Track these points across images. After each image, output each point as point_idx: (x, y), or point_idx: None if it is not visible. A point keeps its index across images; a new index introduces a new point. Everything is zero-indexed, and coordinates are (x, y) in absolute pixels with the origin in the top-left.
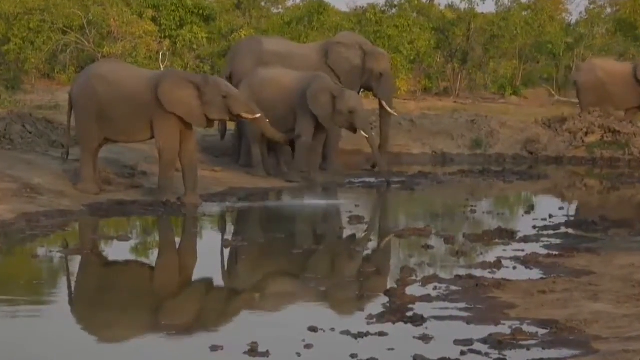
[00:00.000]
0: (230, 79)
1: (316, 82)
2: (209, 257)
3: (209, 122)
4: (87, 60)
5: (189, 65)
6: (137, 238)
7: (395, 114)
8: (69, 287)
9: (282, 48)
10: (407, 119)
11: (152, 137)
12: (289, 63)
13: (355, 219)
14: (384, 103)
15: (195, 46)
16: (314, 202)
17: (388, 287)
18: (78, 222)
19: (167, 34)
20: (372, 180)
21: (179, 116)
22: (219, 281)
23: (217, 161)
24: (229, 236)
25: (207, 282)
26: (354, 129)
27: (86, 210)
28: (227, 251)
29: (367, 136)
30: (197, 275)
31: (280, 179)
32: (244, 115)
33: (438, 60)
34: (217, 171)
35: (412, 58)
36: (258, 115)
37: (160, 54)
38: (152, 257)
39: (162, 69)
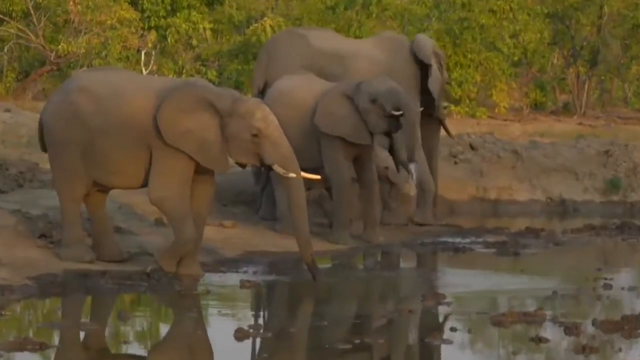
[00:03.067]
0: (263, 93)
1: (327, 94)
2: (216, 354)
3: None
4: (33, 61)
5: (184, 70)
6: (108, 327)
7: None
8: None
9: (338, 45)
10: (509, 149)
11: None
12: (347, 67)
13: (432, 298)
14: (446, 123)
15: (194, 41)
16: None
17: None
18: (21, 302)
19: (153, 24)
20: (457, 240)
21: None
22: None
23: (228, 212)
24: (244, 323)
25: None
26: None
27: (33, 285)
28: (241, 345)
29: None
30: None
31: (321, 239)
32: (275, 168)
33: (555, 61)
34: (228, 227)
35: (515, 59)
36: (293, 176)
37: (143, 52)
38: (130, 356)
39: (145, 74)
